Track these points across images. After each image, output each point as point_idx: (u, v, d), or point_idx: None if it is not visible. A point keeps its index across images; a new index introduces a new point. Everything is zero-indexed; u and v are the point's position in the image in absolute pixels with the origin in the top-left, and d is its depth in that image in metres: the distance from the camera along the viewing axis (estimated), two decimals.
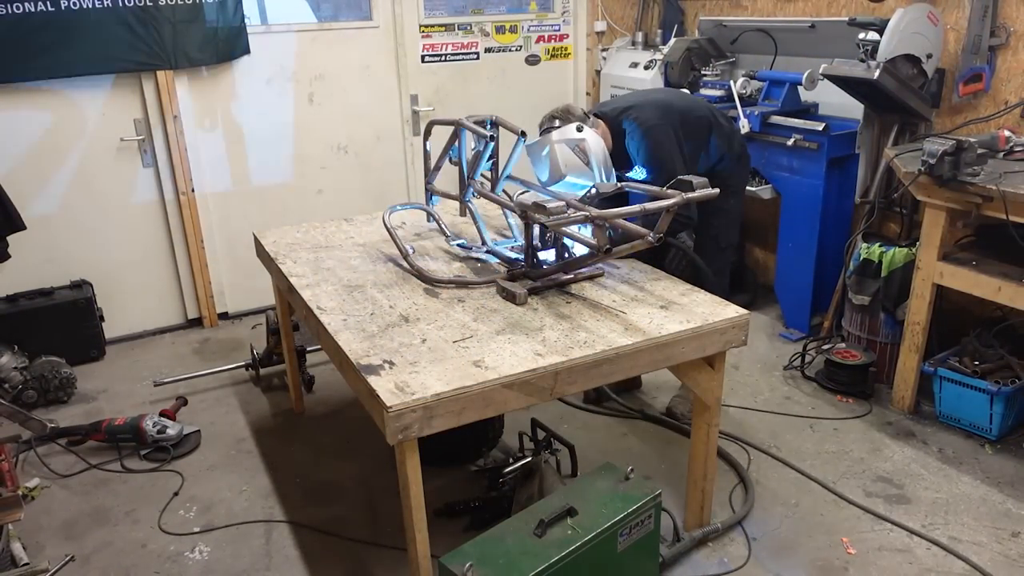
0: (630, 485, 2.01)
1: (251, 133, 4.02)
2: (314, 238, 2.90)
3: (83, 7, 3.40)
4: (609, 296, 2.25)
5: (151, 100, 3.71)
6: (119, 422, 2.96)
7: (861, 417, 3.07)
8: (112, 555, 2.43)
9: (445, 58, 4.43)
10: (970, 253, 2.86)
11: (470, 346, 1.95)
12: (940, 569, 2.26)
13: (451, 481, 2.68)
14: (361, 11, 4.19)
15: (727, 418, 3.01)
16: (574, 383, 1.91)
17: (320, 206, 4.23)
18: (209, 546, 2.46)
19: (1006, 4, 3.03)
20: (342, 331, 2.06)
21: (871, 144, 3.40)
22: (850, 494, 2.59)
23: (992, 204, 2.55)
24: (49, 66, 3.43)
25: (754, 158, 3.73)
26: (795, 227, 3.66)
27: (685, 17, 4.50)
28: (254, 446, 3.01)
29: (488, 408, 1.81)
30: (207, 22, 3.68)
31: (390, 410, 1.68)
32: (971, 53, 3.11)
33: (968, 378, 2.83)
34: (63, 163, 3.64)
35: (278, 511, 2.62)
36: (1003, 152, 2.84)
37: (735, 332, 2.12)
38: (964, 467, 2.73)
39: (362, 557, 2.40)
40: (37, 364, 3.32)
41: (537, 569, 1.72)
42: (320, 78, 4.11)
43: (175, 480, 2.79)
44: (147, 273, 3.97)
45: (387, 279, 2.44)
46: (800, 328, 3.77)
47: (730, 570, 2.28)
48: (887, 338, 3.24)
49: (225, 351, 3.84)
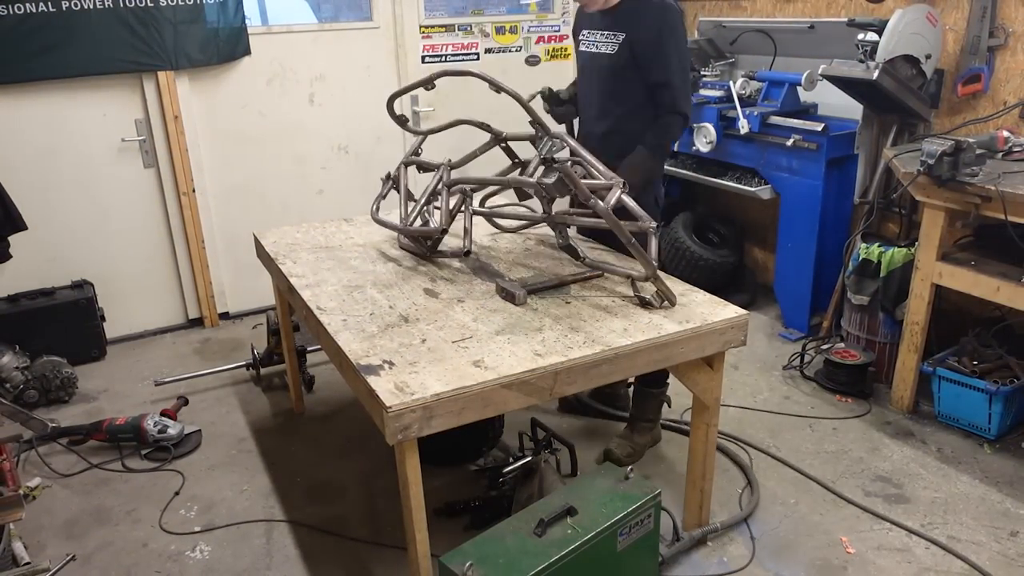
0: (630, 485, 2.02)
1: (252, 133, 4.03)
2: (314, 238, 2.91)
3: (84, 8, 3.41)
4: (608, 296, 2.26)
5: (152, 101, 3.72)
6: (120, 422, 2.97)
7: (860, 417, 3.08)
8: (113, 554, 2.44)
9: (445, 59, 4.44)
10: (969, 253, 2.87)
11: (469, 346, 1.96)
12: (939, 568, 2.27)
13: (451, 481, 2.69)
14: (361, 12, 4.20)
15: (726, 418, 3.01)
16: (573, 383, 1.91)
17: (320, 206, 4.23)
18: (210, 545, 2.47)
19: (1005, 5, 3.04)
20: (342, 331, 2.07)
21: (870, 144, 3.41)
22: (849, 493, 2.60)
23: (991, 204, 2.56)
24: (50, 66, 3.44)
25: (754, 158, 3.75)
26: (794, 227, 3.67)
27: (684, 18, 4.49)
28: (255, 446, 3.02)
29: (487, 408, 1.82)
30: (208, 23, 3.68)
31: (390, 410, 1.68)
32: (970, 54, 3.12)
33: (967, 378, 2.83)
34: (64, 163, 3.65)
35: (279, 510, 2.63)
36: (1002, 152, 2.85)
37: (734, 332, 2.13)
38: (963, 467, 2.74)
39: (362, 556, 2.41)
40: (38, 364, 3.33)
41: (537, 568, 1.73)
42: (321, 79, 4.12)
43: (176, 480, 2.80)
44: (148, 273, 3.98)
45: (387, 279, 2.45)
46: (799, 328, 3.78)
47: (730, 570, 2.29)
48: (886, 338, 3.25)
49: (226, 351, 3.85)
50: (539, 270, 2.47)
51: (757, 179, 3.78)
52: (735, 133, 3.68)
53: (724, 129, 3.76)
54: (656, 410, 2.83)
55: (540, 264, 2.52)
